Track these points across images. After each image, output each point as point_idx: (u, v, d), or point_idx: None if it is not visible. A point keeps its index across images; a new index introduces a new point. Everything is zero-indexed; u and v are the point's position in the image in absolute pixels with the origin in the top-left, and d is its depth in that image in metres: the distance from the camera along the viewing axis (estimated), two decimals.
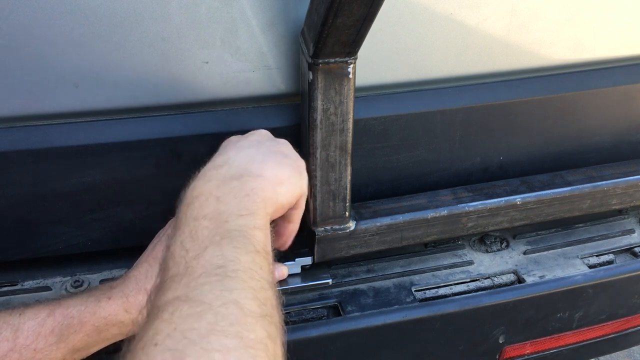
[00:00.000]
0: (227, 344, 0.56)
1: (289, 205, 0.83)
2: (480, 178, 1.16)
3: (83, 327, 0.81)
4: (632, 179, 1.17)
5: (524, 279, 1.13)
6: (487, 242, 1.21)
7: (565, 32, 1.08)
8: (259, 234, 0.72)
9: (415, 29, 0.98)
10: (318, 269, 1.08)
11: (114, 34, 0.85)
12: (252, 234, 0.71)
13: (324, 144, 0.92)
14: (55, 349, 0.80)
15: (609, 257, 1.20)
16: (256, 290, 0.64)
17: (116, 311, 0.83)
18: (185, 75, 0.91)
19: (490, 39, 1.03)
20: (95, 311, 0.82)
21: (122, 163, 0.94)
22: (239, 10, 0.88)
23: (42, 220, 0.96)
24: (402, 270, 1.13)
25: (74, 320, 0.81)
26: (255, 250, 0.69)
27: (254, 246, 0.69)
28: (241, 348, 0.56)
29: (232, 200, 0.74)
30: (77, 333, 0.81)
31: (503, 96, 1.10)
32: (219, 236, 0.68)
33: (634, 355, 2.39)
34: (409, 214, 1.05)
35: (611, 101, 1.19)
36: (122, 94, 0.90)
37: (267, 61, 0.93)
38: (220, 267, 0.64)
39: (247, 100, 0.97)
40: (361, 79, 0.91)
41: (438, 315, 1.04)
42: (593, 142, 1.22)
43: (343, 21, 0.75)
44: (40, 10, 0.81)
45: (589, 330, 1.21)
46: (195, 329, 0.56)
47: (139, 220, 1.00)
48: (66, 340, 0.80)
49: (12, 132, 0.88)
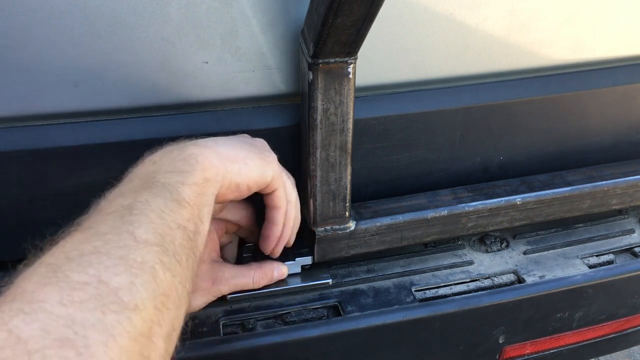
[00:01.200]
0: (106, 262, 0.56)
1: (247, 187, 0.83)
2: (480, 178, 1.16)
3: None
4: (632, 179, 1.17)
5: (524, 279, 1.13)
6: (487, 242, 1.21)
7: (565, 32, 1.08)
8: (186, 190, 0.72)
9: (415, 29, 0.98)
10: (318, 269, 1.08)
11: (114, 34, 0.85)
12: (175, 187, 0.71)
13: (324, 144, 0.92)
14: None
15: (609, 257, 1.20)
16: (158, 225, 0.64)
17: None
18: (185, 75, 0.91)
19: (490, 39, 1.03)
20: None
21: (122, 163, 0.94)
22: (239, 10, 0.88)
23: (42, 220, 0.96)
24: (402, 270, 1.13)
25: None
26: (174, 199, 0.69)
27: (173, 195, 0.69)
28: (120, 266, 0.57)
29: (166, 162, 0.75)
30: None
31: (503, 96, 1.10)
32: (141, 188, 0.69)
33: (634, 355, 2.39)
34: (409, 214, 1.05)
35: (611, 101, 1.19)
36: (122, 94, 0.90)
37: (267, 61, 0.93)
38: (127, 207, 0.65)
39: (247, 100, 0.97)
40: (361, 79, 0.91)
41: (438, 315, 1.04)
42: (593, 142, 1.22)
43: (343, 21, 0.75)
44: (40, 10, 0.81)
45: (589, 330, 1.20)
46: (78, 249, 0.57)
47: None
48: None
49: (12, 132, 0.88)
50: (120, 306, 0.53)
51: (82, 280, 0.54)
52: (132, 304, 0.54)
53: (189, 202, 0.71)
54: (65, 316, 0.50)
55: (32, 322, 0.49)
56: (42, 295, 0.52)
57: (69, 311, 0.51)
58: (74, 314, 0.51)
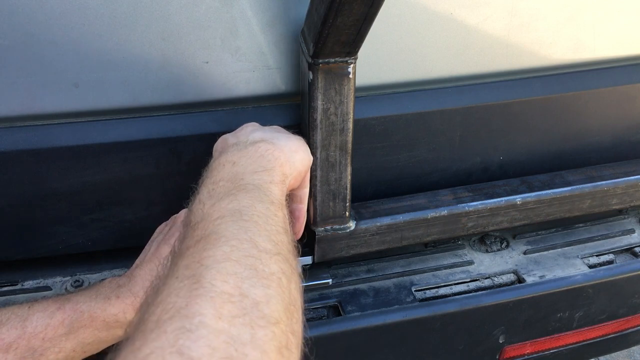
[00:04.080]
0: (241, 272, 0.57)
1: (305, 173, 0.86)
2: (480, 178, 1.16)
3: (93, 321, 0.82)
4: (632, 179, 1.17)
5: (524, 279, 1.13)
6: (487, 242, 1.21)
7: (565, 32, 1.08)
8: (275, 189, 0.74)
9: (415, 29, 0.98)
10: (318, 269, 1.08)
11: (114, 34, 0.85)
12: (268, 188, 0.73)
13: (324, 144, 0.92)
14: (65, 339, 0.80)
15: (609, 257, 1.20)
16: (270, 232, 0.65)
17: (125, 309, 0.83)
18: (185, 75, 0.91)
19: (490, 39, 1.03)
20: (105, 308, 0.83)
21: (122, 163, 0.94)
22: (239, 10, 0.88)
23: (42, 220, 0.96)
24: (402, 270, 1.13)
25: (84, 315, 0.82)
26: (270, 201, 0.71)
27: (269, 197, 0.71)
28: (254, 277, 0.57)
29: (247, 161, 0.77)
30: (86, 327, 0.82)
31: (503, 96, 1.10)
32: (235, 190, 0.71)
33: (634, 355, 2.39)
34: (409, 214, 1.05)
35: (611, 101, 1.19)
36: (122, 94, 0.90)
37: (267, 61, 0.93)
38: (236, 211, 0.66)
39: (247, 100, 0.97)
40: (361, 79, 0.91)
41: (438, 315, 1.04)
42: (593, 142, 1.22)
43: (343, 21, 0.75)
44: (40, 10, 0.81)
45: (589, 330, 1.21)
46: (211, 256, 0.58)
47: (139, 220, 1.00)
48: (76, 333, 0.81)
49: (12, 132, 0.88)
50: (265, 321, 0.54)
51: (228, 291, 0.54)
52: (274, 318, 0.55)
53: (280, 201, 0.73)
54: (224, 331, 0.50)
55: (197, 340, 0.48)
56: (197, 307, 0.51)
57: (225, 326, 0.51)
58: (229, 330, 0.50)
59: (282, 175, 0.78)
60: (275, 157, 0.78)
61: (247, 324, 0.52)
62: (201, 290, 0.53)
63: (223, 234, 0.62)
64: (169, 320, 0.50)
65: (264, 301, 0.55)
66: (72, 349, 0.81)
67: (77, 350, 0.82)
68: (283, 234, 0.68)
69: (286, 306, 0.58)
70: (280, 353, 0.53)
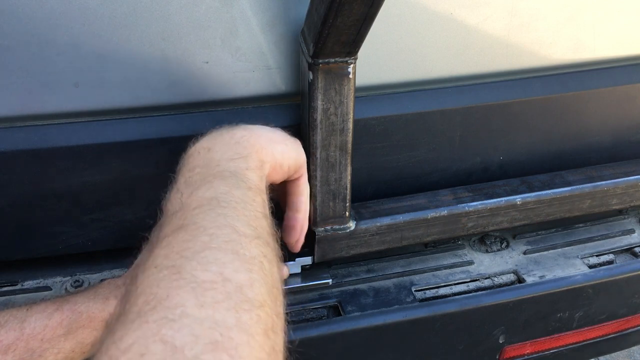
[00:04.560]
0: (223, 258, 0.57)
1: (288, 168, 0.84)
2: (480, 178, 1.16)
3: (91, 322, 0.82)
4: (632, 179, 1.17)
5: (524, 279, 1.13)
6: (487, 242, 1.21)
7: (565, 32, 1.08)
8: (252, 175, 0.73)
9: (415, 29, 0.98)
10: (318, 269, 1.08)
11: (114, 34, 0.85)
12: (244, 174, 0.72)
13: (324, 144, 0.92)
14: (64, 340, 0.81)
15: (609, 257, 1.20)
16: (249, 217, 0.65)
17: None
18: (185, 75, 0.91)
19: (490, 39, 1.03)
20: (104, 308, 0.83)
21: (122, 163, 0.94)
22: (239, 10, 0.88)
23: (42, 220, 0.96)
24: (402, 270, 1.13)
25: (82, 315, 0.82)
26: (248, 187, 0.70)
27: (246, 184, 0.70)
28: (236, 261, 0.57)
29: (223, 148, 0.76)
30: (85, 327, 0.82)
31: (503, 96, 1.10)
32: (211, 176, 0.70)
33: (634, 355, 2.39)
34: (409, 214, 1.05)
35: (611, 101, 1.19)
36: (122, 94, 0.90)
37: (267, 61, 0.93)
38: (213, 199, 0.65)
39: (247, 100, 0.97)
40: (361, 79, 0.91)
41: (438, 315, 1.04)
42: (593, 142, 1.22)
43: (343, 21, 0.75)
44: (39, 10, 0.81)
45: (589, 330, 1.21)
46: (190, 247, 0.57)
47: (139, 220, 1.00)
48: (74, 333, 0.81)
49: (12, 132, 0.88)
50: (249, 304, 0.53)
51: (209, 279, 0.54)
52: (258, 301, 0.55)
53: (257, 187, 0.72)
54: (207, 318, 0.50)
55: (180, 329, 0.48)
56: (178, 298, 0.51)
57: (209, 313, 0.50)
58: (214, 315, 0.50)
59: (259, 162, 0.77)
60: (251, 143, 0.77)
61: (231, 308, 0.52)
62: (182, 281, 0.53)
63: (201, 224, 0.61)
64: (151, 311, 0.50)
65: (247, 284, 0.55)
66: (71, 350, 0.81)
67: (77, 351, 0.82)
68: (262, 218, 0.67)
69: (269, 289, 0.58)
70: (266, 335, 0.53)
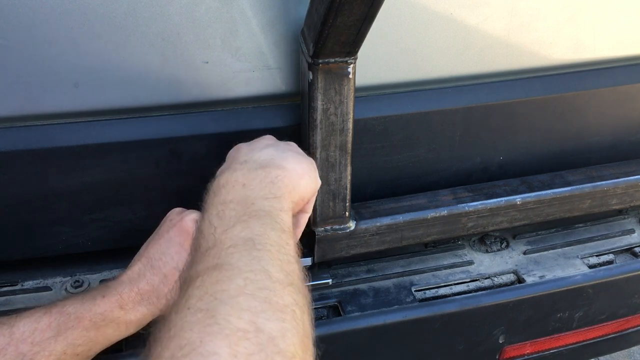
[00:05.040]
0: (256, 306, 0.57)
1: (307, 199, 0.85)
2: (480, 178, 1.16)
3: (80, 322, 0.82)
4: (632, 179, 1.17)
5: (524, 279, 1.13)
6: (487, 242, 1.21)
7: (565, 32, 1.08)
8: (285, 216, 0.74)
9: (415, 29, 0.98)
10: (318, 269, 1.08)
11: (114, 34, 0.85)
12: (279, 215, 0.73)
13: (324, 144, 0.92)
14: (54, 342, 0.80)
15: (609, 257, 1.20)
16: (283, 262, 0.65)
17: (111, 308, 0.83)
18: (185, 75, 0.91)
19: (490, 39, 1.03)
20: (91, 308, 0.83)
21: (122, 163, 0.94)
22: (239, 10, 0.88)
23: (42, 220, 0.96)
24: (402, 270, 1.13)
25: (71, 317, 0.82)
26: (282, 229, 0.71)
27: (280, 225, 0.71)
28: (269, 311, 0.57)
29: (258, 186, 0.76)
30: (74, 328, 0.82)
31: (503, 96, 1.10)
32: (246, 215, 0.70)
33: (634, 355, 2.39)
34: (409, 214, 1.05)
35: (611, 101, 1.19)
36: (122, 94, 0.90)
37: (267, 61, 0.93)
38: (248, 240, 0.66)
39: (247, 100, 0.97)
40: (361, 79, 0.91)
41: (438, 315, 1.04)
42: (593, 142, 1.22)
43: (343, 21, 0.75)
44: (40, 10, 0.81)
45: (589, 330, 1.21)
46: (225, 290, 0.58)
47: (139, 220, 1.00)
48: (64, 334, 0.81)
49: (12, 132, 0.88)
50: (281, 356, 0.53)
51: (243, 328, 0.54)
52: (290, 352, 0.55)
53: (290, 229, 0.73)
54: None
55: None
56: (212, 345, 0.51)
57: None
58: None
59: (291, 203, 0.78)
60: (285, 184, 0.78)
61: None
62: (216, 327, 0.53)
63: (236, 265, 0.61)
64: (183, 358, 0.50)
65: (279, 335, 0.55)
66: (63, 352, 0.81)
67: (68, 353, 0.82)
68: (294, 263, 0.68)
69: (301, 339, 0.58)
70: None
